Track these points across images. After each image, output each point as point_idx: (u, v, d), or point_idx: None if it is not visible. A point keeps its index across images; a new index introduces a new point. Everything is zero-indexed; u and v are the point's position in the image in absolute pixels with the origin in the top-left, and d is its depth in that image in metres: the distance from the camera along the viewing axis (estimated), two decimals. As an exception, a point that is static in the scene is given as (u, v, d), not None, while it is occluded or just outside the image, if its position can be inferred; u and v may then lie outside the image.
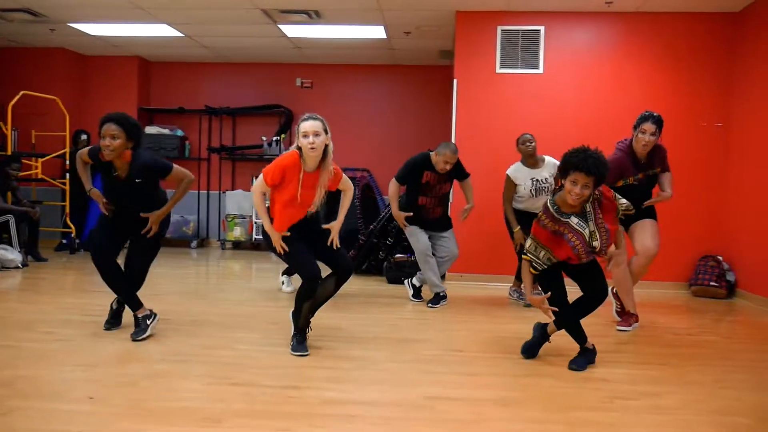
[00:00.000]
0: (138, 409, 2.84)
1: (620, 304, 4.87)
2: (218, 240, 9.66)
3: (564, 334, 3.73)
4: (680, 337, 4.55)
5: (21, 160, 7.72)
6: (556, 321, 3.74)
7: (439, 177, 5.28)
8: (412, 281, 5.75)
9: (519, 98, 6.58)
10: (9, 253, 6.92)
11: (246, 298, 5.82)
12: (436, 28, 7.40)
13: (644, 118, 4.41)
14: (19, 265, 6.93)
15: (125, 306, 4.31)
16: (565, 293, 3.67)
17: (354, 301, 5.54)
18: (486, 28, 6.61)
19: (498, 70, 6.62)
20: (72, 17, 7.43)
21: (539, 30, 6.55)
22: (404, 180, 5.35)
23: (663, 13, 6.43)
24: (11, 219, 7.19)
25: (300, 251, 3.76)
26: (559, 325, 3.75)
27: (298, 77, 9.62)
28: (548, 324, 3.81)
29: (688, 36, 6.44)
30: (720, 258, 6.27)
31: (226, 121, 9.70)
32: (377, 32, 7.64)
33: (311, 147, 3.57)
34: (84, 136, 8.90)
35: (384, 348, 4.00)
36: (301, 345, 3.78)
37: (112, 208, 4.01)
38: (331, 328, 4.42)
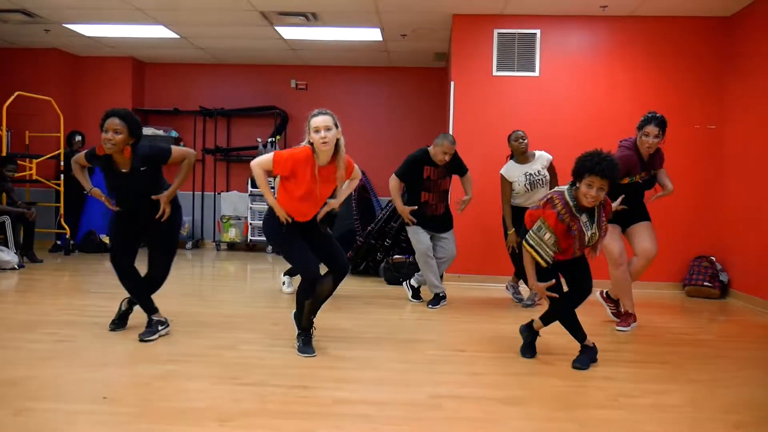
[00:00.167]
0: (153, 409, 2.86)
1: (614, 306, 4.95)
2: (213, 241, 9.65)
3: (565, 335, 3.78)
4: (678, 337, 4.62)
5: (17, 161, 7.69)
6: (542, 317, 3.84)
7: (440, 172, 5.31)
8: (411, 282, 5.79)
9: (515, 100, 6.65)
10: (5, 255, 6.90)
11: (246, 299, 5.84)
12: (432, 31, 7.45)
13: (647, 121, 4.44)
14: (15, 267, 6.91)
15: (133, 309, 4.32)
16: (561, 286, 3.75)
17: (354, 302, 5.57)
18: (482, 31, 6.67)
19: (494, 73, 6.69)
20: (67, 18, 7.41)
21: (535, 33, 6.62)
22: (404, 176, 5.35)
23: (657, 17, 6.52)
24: (7, 220, 7.17)
25: (300, 248, 3.78)
26: (546, 321, 3.84)
27: (293, 79, 9.64)
28: (533, 321, 3.91)
29: (681, 39, 6.54)
30: (713, 259, 6.37)
31: (221, 123, 9.71)
32: (373, 34, 7.68)
33: (323, 142, 3.60)
34: (78, 137, 8.87)
35: (388, 348, 4.04)
36: (308, 346, 3.81)
37: (117, 208, 4.01)
38: (335, 329, 4.45)
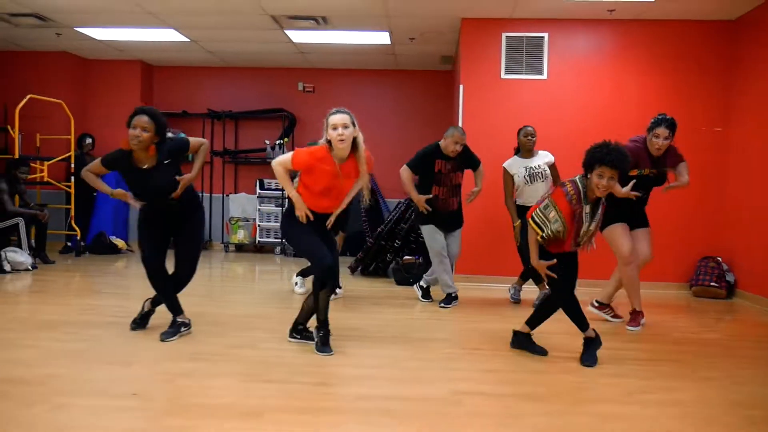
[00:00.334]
0: (181, 405, 2.95)
1: (610, 310, 5.05)
2: (221, 243, 9.74)
3: (578, 335, 3.87)
4: (686, 336, 4.71)
5: (29, 164, 7.77)
6: (528, 321, 4.03)
7: (451, 166, 5.40)
8: (420, 284, 5.88)
9: (523, 103, 6.74)
10: (19, 256, 6.99)
11: (258, 300, 5.92)
12: (440, 34, 7.55)
13: (657, 123, 4.55)
14: (29, 268, 7.00)
15: (155, 311, 4.41)
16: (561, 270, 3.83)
17: (366, 302, 5.67)
18: (491, 35, 6.77)
19: (503, 76, 6.78)
20: (79, 22, 7.50)
21: (543, 37, 6.72)
22: (416, 168, 5.43)
23: (663, 21, 6.62)
24: (21, 222, 7.26)
25: (314, 241, 3.89)
26: (533, 324, 4.02)
27: (300, 81, 9.73)
28: (522, 327, 4.07)
29: (687, 43, 6.64)
30: (719, 259, 6.46)
31: (229, 125, 9.80)
32: (382, 38, 7.78)
33: (340, 139, 3.72)
34: (89, 140, 8.98)
35: (404, 347, 4.13)
36: (326, 345, 3.89)
37: (143, 203, 4.08)
38: (350, 329, 4.54)
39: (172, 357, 3.75)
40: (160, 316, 4.43)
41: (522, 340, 4.06)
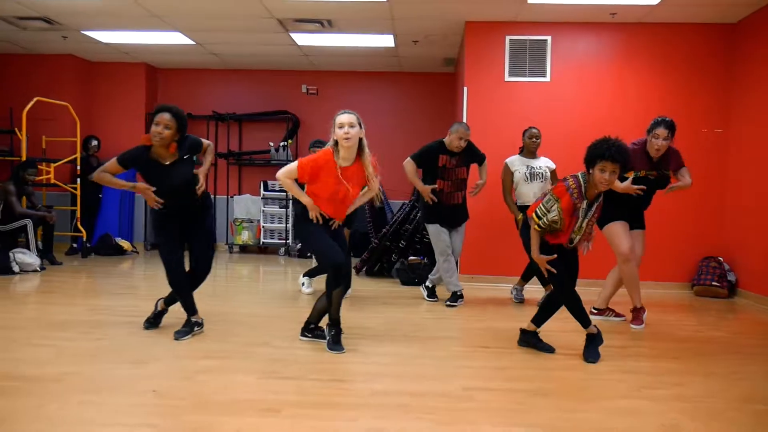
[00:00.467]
0: (201, 402, 3.01)
1: (611, 311, 5.12)
2: (226, 244, 9.80)
3: (583, 334, 3.94)
4: (690, 334, 4.80)
5: (37, 165, 7.83)
6: (534, 319, 4.12)
7: (456, 161, 5.49)
8: (426, 284, 5.96)
9: (527, 105, 6.82)
10: (27, 257, 7.05)
11: (266, 300, 5.99)
12: (444, 37, 7.63)
13: (657, 123, 4.65)
14: (37, 269, 7.06)
15: (168, 310, 4.47)
16: (561, 266, 3.91)
17: (373, 302, 5.74)
18: (495, 38, 6.85)
19: (507, 78, 6.87)
20: (86, 25, 7.57)
21: (546, 40, 6.81)
22: (419, 161, 5.53)
23: (664, 24, 6.71)
24: (29, 223, 7.32)
25: (325, 240, 3.98)
26: (537, 322, 4.11)
27: (304, 84, 9.81)
28: (524, 329, 4.18)
29: (688, 46, 6.73)
30: (721, 259, 6.55)
31: (233, 127, 9.87)
32: (386, 41, 7.85)
33: (346, 137, 3.82)
34: (95, 142, 9.04)
35: (413, 345, 4.20)
36: (337, 343, 3.96)
37: (161, 202, 4.12)
38: (359, 327, 4.60)
39: (188, 355, 3.82)
40: (171, 316, 4.51)
41: (529, 338, 4.13)
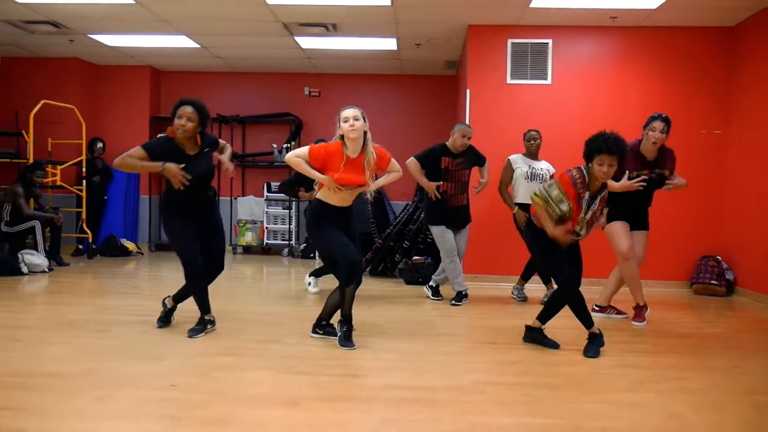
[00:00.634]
0: (221, 395, 3.11)
1: (613, 309, 5.23)
2: (230, 245, 9.89)
3: (584, 331, 4.05)
4: (690, 330, 4.91)
5: (45, 168, 7.92)
6: (539, 316, 4.23)
7: (458, 163, 5.62)
8: (430, 284, 6.07)
9: (528, 107, 6.94)
10: (36, 258, 7.15)
11: (273, 299, 6.09)
12: (446, 40, 7.74)
13: (653, 118, 4.82)
14: (45, 270, 7.15)
15: (177, 307, 4.57)
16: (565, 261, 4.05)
17: (380, 301, 5.84)
18: (497, 41, 6.97)
19: (508, 81, 6.99)
20: (93, 29, 7.67)
21: (547, 43, 6.93)
22: (422, 162, 5.63)
23: (663, 28, 6.84)
24: (37, 225, 7.41)
25: (340, 238, 4.09)
26: (543, 320, 4.22)
27: (306, 86, 9.91)
28: (529, 326, 4.28)
29: (688, 49, 6.86)
30: (719, 258, 6.67)
31: (236, 129, 9.97)
32: (389, 44, 7.96)
33: (352, 129, 3.97)
34: (100, 144, 9.14)
35: (421, 341, 4.30)
36: (349, 340, 4.06)
37: (186, 181, 4.17)
38: (368, 325, 4.70)
39: (203, 352, 3.91)
40: (180, 314, 4.62)
41: (534, 335, 4.24)
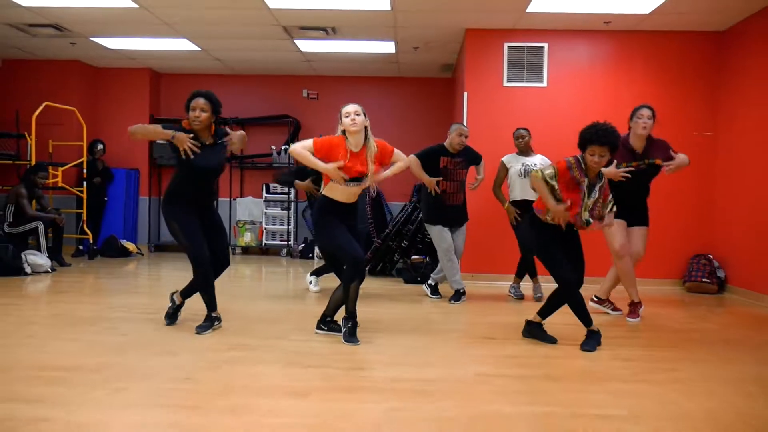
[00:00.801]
0: (233, 387, 3.23)
1: (609, 303, 5.38)
2: (229, 246, 9.97)
3: (582, 327, 4.20)
4: (683, 325, 5.07)
5: (47, 169, 8.01)
6: (540, 311, 4.34)
7: (456, 162, 5.78)
8: (429, 282, 6.20)
9: (525, 109, 7.09)
10: (39, 258, 7.23)
11: (276, 298, 6.20)
12: (444, 44, 7.89)
13: (639, 107, 5.05)
14: (48, 270, 7.24)
15: (184, 303, 4.67)
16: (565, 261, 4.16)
17: (380, 299, 5.97)
18: (494, 45, 7.13)
19: (505, 84, 7.15)
20: (96, 32, 7.77)
21: (543, 47, 7.09)
22: (423, 160, 5.76)
23: (656, 32, 7.01)
24: (40, 226, 7.50)
25: (345, 236, 4.22)
26: (544, 314, 4.33)
27: (304, 88, 10.03)
28: (534, 317, 4.38)
29: (679, 52, 7.04)
30: (710, 256, 6.84)
31: (235, 131, 10.03)
32: (387, 47, 8.10)
33: (353, 123, 4.14)
34: (100, 146, 9.23)
35: (423, 337, 4.43)
36: (353, 336, 4.19)
37: (197, 146, 4.24)
38: (371, 321, 4.82)
39: (212, 348, 4.03)
40: (185, 312, 4.73)
41: (534, 329, 4.37)
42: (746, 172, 6.42)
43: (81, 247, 9.02)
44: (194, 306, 4.67)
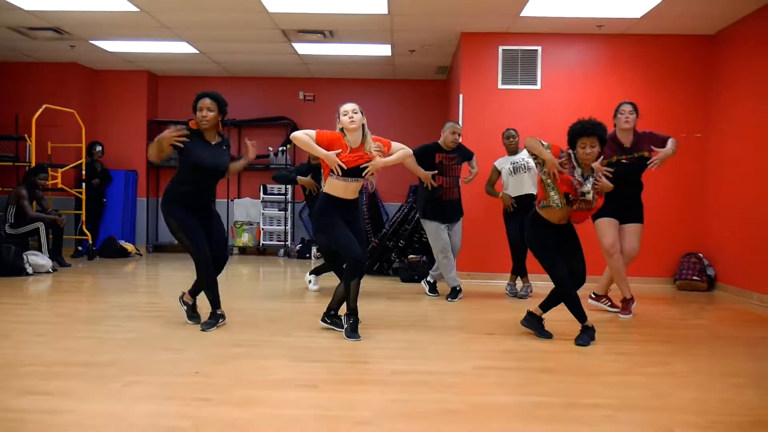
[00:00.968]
0: (242, 380, 3.34)
1: (606, 300, 5.52)
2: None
3: (575, 326, 4.33)
4: (674, 322, 5.23)
5: (48, 171, 8.09)
6: (542, 305, 4.44)
7: (451, 158, 5.94)
8: (427, 279, 6.33)
9: (519, 111, 7.23)
10: (40, 259, 7.31)
11: (275, 297, 6.32)
12: (439, 47, 8.02)
13: (620, 104, 5.26)
14: (50, 270, 7.31)
15: (196, 300, 4.76)
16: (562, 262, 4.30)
17: (379, 297, 6.10)
18: (488, 48, 7.27)
19: (500, 86, 7.30)
20: (95, 35, 7.85)
21: (537, 50, 7.24)
22: (418, 157, 5.85)
23: (647, 35, 7.17)
24: (41, 226, 7.58)
25: (347, 234, 4.34)
26: (545, 308, 4.44)
27: (301, 91, 10.15)
28: (530, 312, 4.49)
29: (670, 56, 7.21)
30: (701, 255, 7.00)
31: (233, 133, 10.16)
32: (383, 50, 8.23)
33: (351, 120, 4.30)
34: (99, 148, 9.30)
35: (424, 333, 4.56)
36: (355, 332, 4.30)
37: (186, 134, 4.32)
38: (371, 318, 4.94)
39: (219, 344, 4.13)
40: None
41: (533, 321, 4.46)
42: (735, 173, 6.59)
43: (80, 248, 9.09)
44: (199, 305, 4.76)
